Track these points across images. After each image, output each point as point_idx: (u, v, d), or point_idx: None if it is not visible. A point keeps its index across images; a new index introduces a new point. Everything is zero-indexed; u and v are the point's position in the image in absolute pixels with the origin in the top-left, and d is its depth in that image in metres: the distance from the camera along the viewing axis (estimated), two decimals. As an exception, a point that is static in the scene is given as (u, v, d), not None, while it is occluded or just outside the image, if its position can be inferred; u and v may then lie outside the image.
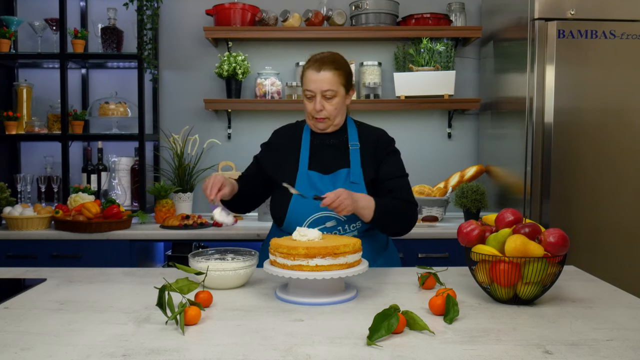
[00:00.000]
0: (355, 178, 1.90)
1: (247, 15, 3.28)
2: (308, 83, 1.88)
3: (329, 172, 1.92)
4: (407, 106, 3.30)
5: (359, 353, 1.14)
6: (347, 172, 1.91)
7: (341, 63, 1.91)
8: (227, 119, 3.46)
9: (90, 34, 3.34)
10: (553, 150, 2.71)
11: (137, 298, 1.54)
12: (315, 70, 1.86)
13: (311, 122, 1.94)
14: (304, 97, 1.91)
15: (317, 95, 1.87)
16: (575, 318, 1.38)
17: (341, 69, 1.89)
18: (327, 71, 1.86)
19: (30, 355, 1.13)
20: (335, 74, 1.87)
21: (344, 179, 1.90)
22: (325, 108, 1.88)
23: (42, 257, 2.80)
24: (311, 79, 1.87)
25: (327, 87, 1.86)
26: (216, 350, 1.16)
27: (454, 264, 2.15)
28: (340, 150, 1.95)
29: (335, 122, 1.93)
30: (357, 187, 1.89)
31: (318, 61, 1.88)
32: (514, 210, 1.55)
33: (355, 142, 1.96)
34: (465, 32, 3.28)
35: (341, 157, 1.94)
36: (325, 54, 1.92)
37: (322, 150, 1.96)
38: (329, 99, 1.88)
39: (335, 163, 1.93)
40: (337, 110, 1.90)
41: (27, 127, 3.24)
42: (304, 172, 1.92)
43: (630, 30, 2.70)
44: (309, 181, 1.91)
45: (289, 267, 1.48)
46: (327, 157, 1.95)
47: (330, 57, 1.90)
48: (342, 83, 1.90)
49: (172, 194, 3.15)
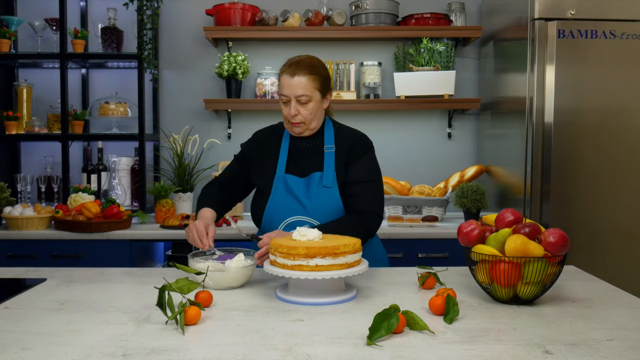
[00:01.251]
0: (328, 182, 1.89)
1: (247, 15, 3.28)
2: (282, 88, 1.86)
3: (304, 175, 1.92)
4: (407, 106, 3.30)
5: (359, 353, 1.14)
6: (321, 175, 1.90)
7: (317, 67, 1.87)
8: (227, 118, 3.46)
9: (90, 34, 3.34)
10: (553, 150, 2.71)
11: (137, 298, 1.54)
12: (289, 75, 1.84)
13: (288, 126, 1.93)
14: (280, 101, 1.89)
15: (292, 100, 1.85)
16: (575, 318, 1.38)
17: (316, 74, 1.86)
18: (302, 76, 1.83)
19: (30, 355, 1.13)
20: (310, 78, 1.84)
21: (317, 183, 1.90)
22: (300, 113, 1.86)
23: (42, 257, 2.80)
24: (285, 84, 1.85)
25: (301, 92, 1.83)
26: (216, 350, 1.16)
27: (454, 264, 2.15)
28: (316, 153, 1.94)
29: (312, 126, 1.91)
30: (329, 191, 1.88)
31: (293, 65, 1.85)
32: (514, 210, 1.55)
33: (331, 145, 1.94)
34: (465, 32, 3.28)
35: (316, 160, 1.93)
36: (301, 57, 1.89)
37: (299, 154, 1.96)
38: (303, 103, 1.85)
39: (310, 166, 1.93)
40: (313, 115, 1.88)
41: (27, 127, 3.24)
42: (281, 175, 1.92)
43: (630, 30, 2.70)
44: (285, 184, 1.91)
45: (289, 267, 1.48)
46: (303, 161, 1.94)
47: (306, 61, 1.87)
48: (318, 88, 1.86)
49: (172, 194, 3.15)
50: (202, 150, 3.35)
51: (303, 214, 1.87)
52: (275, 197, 1.90)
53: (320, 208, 1.87)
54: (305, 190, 1.89)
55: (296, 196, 1.88)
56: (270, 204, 1.90)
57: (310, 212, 1.87)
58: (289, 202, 1.89)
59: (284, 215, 1.89)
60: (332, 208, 1.88)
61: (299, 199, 1.88)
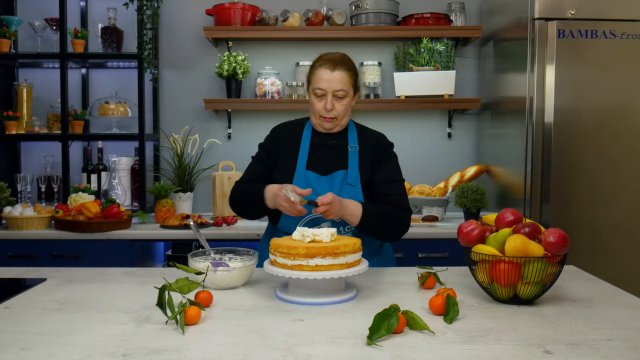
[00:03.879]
0: (352, 180, 1.89)
1: (247, 15, 3.28)
2: (320, 82, 1.86)
3: (326, 173, 1.92)
4: (407, 106, 3.30)
5: (359, 353, 1.14)
6: (345, 173, 1.91)
7: (352, 64, 1.92)
8: (227, 118, 3.46)
9: (90, 33, 3.34)
10: (553, 150, 2.71)
11: (137, 298, 1.54)
12: (329, 69, 1.85)
13: (318, 121, 1.92)
14: (313, 95, 1.89)
15: (329, 94, 1.86)
16: (575, 318, 1.38)
17: (352, 70, 1.90)
18: (341, 71, 1.86)
19: (30, 355, 1.13)
20: (349, 74, 1.87)
21: (340, 181, 1.90)
22: (335, 108, 1.87)
23: (42, 257, 2.80)
24: (324, 77, 1.85)
25: (340, 87, 1.85)
26: (216, 350, 1.16)
27: (454, 264, 2.15)
28: (340, 151, 1.95)
29: (342, 122, 1.92)
30: (353, 189, 1.89)
31: (331, 60, 1.87)
32: (514, 210, 1.55)
33: (355, 144, 1.95)
34: (465, 32, 3.27)
35: (340, 158, 1.94)
36: (336, 54, 1.91)
37: (321, 151, 1.95)
38: (340, 98, 1.87)
39: (334, 164, 1.93)
40: (346, 110, 1.90)
41: (27, 127, 3.24)
42: (302, 171, 1.91)
43: (630, 30, 2.70)
44: (306, 181, 1.90)
45: (289, 267, 1.48)
46: (325, 158, 1.94)
47: (344, 58, 1.90)
48: (352, 84, 1.90)
49: (172, 194, 3.15)
50: (202, 150, 3.35)
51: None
52: None
53: None
54: (328, 188, 1.88)
55: (318, 194, 1.85)
56: None
57: None
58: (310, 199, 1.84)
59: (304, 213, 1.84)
60: None
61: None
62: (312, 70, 1.91)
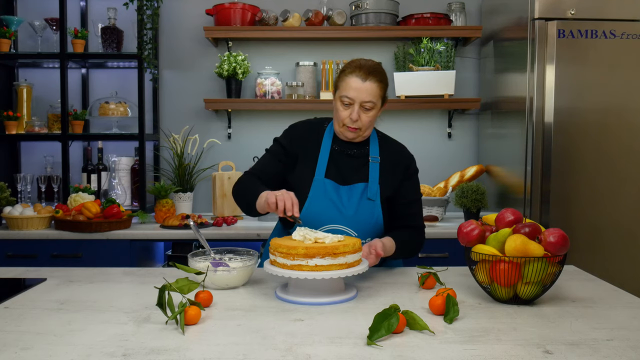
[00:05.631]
0: (372, 195, 1.83)
1: (247, 15, 3.28)
2: (348, 90, 1.77)
3: (346, 184, 1.84)
4: (407, 106, 3.30)
5: (359, 353, 1.14)
6: (365, 187, 1.83)
7: (384, 75, 1.82)
8: (227, 118, 3.46)
9: (90, 33, 3.34)
10: (553, 150, 2.71)
11: (137, 298, 1.54)
12: (361, 78, 1.76)
13: (341, 129, 1.84)
14: (339, 102, 1.80)
15: (356, 104, 1.77)
16: (575, 318, 1.38)
17: (384, 82, 1.81)
18: (373, 82, 1.76)
19: (30, 355, 1.13)
20: (379, 86, 1.78)
21: (360, 194, 1.83)
22: (361, 119, 1.79)
23: (42, 256, 2.80)
24: (354, 86, 1.76)
25: (369, 99, 1.76)
26: (216, 350, 1.16)
27: (454, 264, 2.15)
28: (360, 161, 1.87)
29: (365, 133, 1.85)
30: (372, 204, 1.83)
31: (364, 69, 1.77)
32: (514, 210, 1.55)
33: (376, 155, 1.88)
34: (465, 32, 3.27)
35: (360, 169, 1.86)
36: (369, 62, 1.81)
37: (341, 159, 1.87)
38: (367, 110, 1.78)
39: (354, 175, 1.85)
40: (371, 122, 1.82)
41: (27, 126, 3.24)
42: (320, 179, 1.83)
43: (630, 30, 2.70)
44: (324, 189, 1.82)
45: (289, 267, 1.48)
46: (345, 167, 1.86)
47: (377, 67, 1.80)
48: (382, 96, 1.81)
49: (172, 194, 3.15)
50: (202, 150, 3.35)
51: (341, 223, 1.80)
52: (313, 202, 1.81)
53: (360, 220, 1.81)
54: (346, 199, 1.82)
55: (335, 204, 1.80)
56: (308, 208, 1.80)
57: (349, 222, 1.81)
58: (328, 208, 1.81)
59: (321, 222, 1.80)
60: (372, 221, 1.83)
61: (338, 207, 1.81)
62: (342, 76, 1.80)
